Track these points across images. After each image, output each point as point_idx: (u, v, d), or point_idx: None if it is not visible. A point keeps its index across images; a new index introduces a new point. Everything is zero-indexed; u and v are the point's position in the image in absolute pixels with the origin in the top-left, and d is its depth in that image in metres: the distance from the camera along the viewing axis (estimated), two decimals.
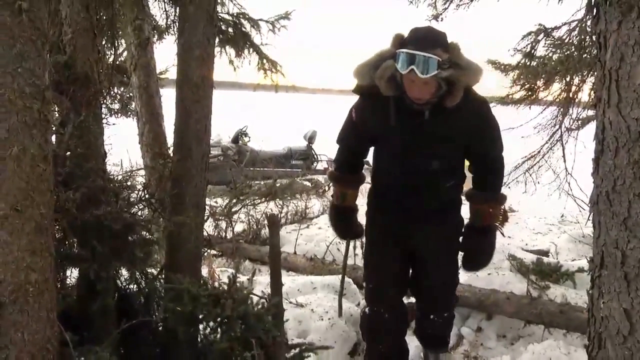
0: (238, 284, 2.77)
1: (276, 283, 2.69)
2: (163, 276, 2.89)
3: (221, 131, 13.15)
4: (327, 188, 12.12)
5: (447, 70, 2.77)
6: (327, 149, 15.34)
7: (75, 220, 2.32)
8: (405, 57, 2.75)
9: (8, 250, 2.00)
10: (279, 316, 2.62)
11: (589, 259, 1.80)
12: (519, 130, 7.14)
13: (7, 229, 1.98)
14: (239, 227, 7.26)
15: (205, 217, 3.31)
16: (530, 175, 7.61)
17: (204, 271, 4.80)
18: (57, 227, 2.36)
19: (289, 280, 4.80)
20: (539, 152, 7.41)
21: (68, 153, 2.47)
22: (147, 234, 2.67)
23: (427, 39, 2.79)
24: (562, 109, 6.91)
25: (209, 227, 6.62)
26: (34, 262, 2.03)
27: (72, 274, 2.79)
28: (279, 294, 2.66)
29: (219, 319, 2.76)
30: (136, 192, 2.72)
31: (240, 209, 7.02)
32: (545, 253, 6.79)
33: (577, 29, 5.74)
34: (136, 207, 2.66)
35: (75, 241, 2.47)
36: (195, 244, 2.85)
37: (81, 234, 2.40)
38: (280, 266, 2.74)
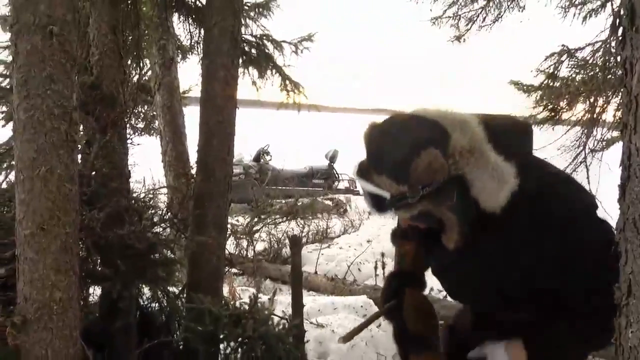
0: (259, 304, 2.78)
1: (297, 304, 2.69)
2: (185, 295, 2.90)
3: (243, 150, 13.22)
4: (347, 208, 12.13)
5: (411, 207, 1.65)
6: (349, 169, 15.36)
7: (99, 239, 2.34)
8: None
9: (34, 268, 2.03)
10: (300, 337, 2.63)
11: (615, 287, 1.77)
12: (542, 152, 7.10)
13: (33, 247, 2.02)
14: (260, 246, 7.27)
15: (227, 236, 3.33)
16: None
17: (225, 290, 4.82)
18: (82, 245, 2.38)
19: (309, 300, 4.79)
20: None
21: (93, 173, 2.50)
22: (169, 253, 2.69)
23: (374, 156, 1.71)
24: (585, 130, 6.85)
25: (230, 246, 6.64)
26: (59, 280, 2.06)
27: (95, 292, 2.82)
28: (300, 315, 2.66)
29: (239, 339, 2.76)
30: (159, 211, 2.74)
31: (262, 227, 7.05)
32: None
33: (602, 50, 5.71)
34: (159, 226, 2.68)
35: (99, 260, 2.49)
36: (217, 264, 2.86)
37: (105, 252, 2.43)
38: (302, 287, 2.75)
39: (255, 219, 7.04)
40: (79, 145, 2.40)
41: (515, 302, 1.85)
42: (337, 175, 15.20)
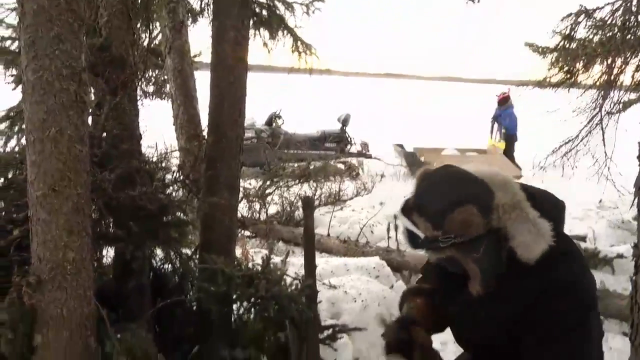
0: (272, 265, 2.79)
1: (310, 265, 2.70)
2: (197, 257, 2.91)
3: (255, 114, 13.19)
4: (360, 171, 12.11)
5: (440, 251, 1.89)
6: (361, 132, 15.31)
7: (110, 201, 2.35)
8: None
9: (47, 229, 2.05)
10: (313, 297, 2.63)
11: (633, 245, 1.75)
12: (557, 114, 7.01)
13: (45, 208, 2.03)
14: (272, 209, 7.29)
15: (239, 199, 3.33)
16: (568, 159, 7.48)
17: (238, 252, 4.84)
18: (94, 207, 2.39)
19: (322, 262, 4.81)
20: (577, 136, 7.27)
21: (104, 134, 2.50)
22: (181, 214, 2.70)
23: (418, 199, 1.92)
24: (602, 92, 6.75)
25: (242, 209, 6.66)
26: (72, 241, 2.07)
27: (109, 254, 2.84)
28: (313, 276, 2.67)
29: (252, 300, 2.79)
30: (171, 173, 2.74)
31: (274, 190, 7.06)
32: (583, 238, 6.70)
33: (622, 8, 5.59)
34: (171, 188, 2.69)
35: (111, 221, 2.50)
36: (229, 225, 2.87)
37: (117, 214, 2.44)
38: (314, 248, 2.75)
39: (268, 182, 7.04)
40: (90, 107, 2.39)
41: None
42: (349, 138, 15.14)
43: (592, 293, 1.96)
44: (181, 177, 2.72)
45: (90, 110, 2.46)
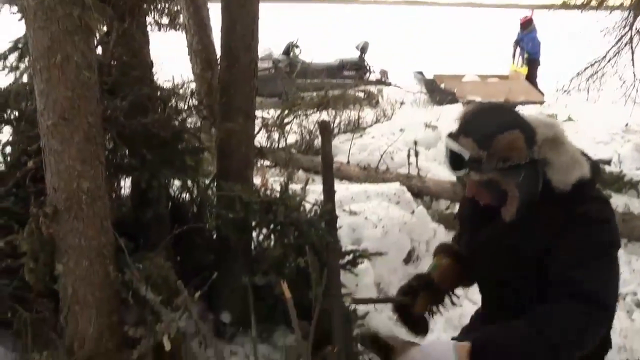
0: (290, 192, 2.76)
1: (329, 190, 2.64)
2: (215, 185, 2.89)
3: (272, 44, 12.99)
4: (380, 98, 11.97)
5: (483, 173, 1.97)
6: (380, 60, 15.05)
7: (123, 129, 2.31)
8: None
9: (59, 159, 2.02)
10: (332, 222, 2.59)
11: None
12: (582, 37, 6.80)
13: (57, 138, 2.00)
14: (291, 138, 7.24)
15: (258, 129, 3.28)
16: (594, 82, 7.29)
17: (257, 181, 4.83)
18: (107, 136, 2.36)
19: (342, 188, 4.78)
20: (604, 57, 7.05)
21: (113, 62, 2.44)
22: (196, 142, 2.66)
23: (466, 123, 2.04)
24: (633, 10, 6.49)
25: (261, 139, 6.63)
26: (85, 170, 2.05)
27: (127, 184, 2.82)
28: (332, 201, 2.62)
29: (271, 226, 2.77)
30: (184, 100, 2.69)
31: (293, 119, 6.99)
32: (607, 162, 6.59)
33: None
34: (184, 114, 2.63)
35: (126, 150, 2.47)
36: (246, 152, 2.82)
37: (130, 143, 2.40)
38: (332, 173, 2.69)
39: (286, 112, 6.97)
40: (97, 34, 2.32)
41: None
42: (368, 66, 14.91)
43: (618, 237, 2.07)
44: (194, 103, 2.66)
45: (98, 38, 2.39)
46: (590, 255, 1.94)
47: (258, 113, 6.31)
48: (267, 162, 6.74)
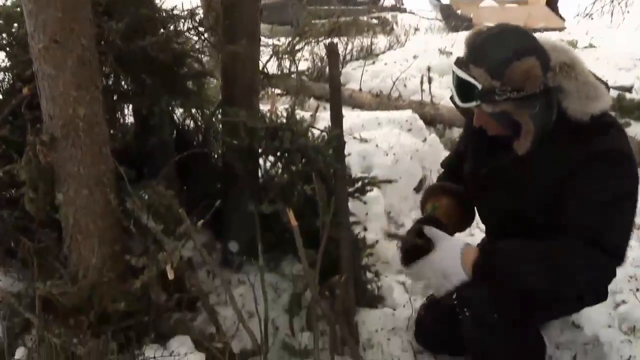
0: (298, 117, 2.66)
1: (336, 115, 2.55)
2: (220, 112, 2.80)
3: None
4: (394, 25, 11.68)
5: (496, 104, 1.83)
6: None
7: (120, 53, 2.21)
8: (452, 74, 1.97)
9: (53, 84, 1.95)
10: (340, 149, 2.51)
11: None
12: None
13: (49, 62, 1.91)
14: (303, 66, 7.08)
15: (269, 56, 3.18)
16: (619, 4, 7.00)
17: (266, 108, 4.73)
18: (105, 60, 2.26)
19: (353, 115, 4.67)
20: None
21: None
22: (199, 66, 2.56)
23: (476, 50, 1.87)
24: None
25: (272, 67, 6.48)
26: (81, 96, 1.97)
27: (130, 112, 2.75)
28: (340, 126, 2.53)
29: (278, 153, 2.70)
30: (184, 21, 2.56)
31: (304, 46, 6.81)
32: (628, 89, 6.37)
33: None
34: (185, 36, 2.52)
35: (125, 75, 2.38)
36: (251, 77, 2.71)
37: (129, 67, 2.31)
38: (340, 97, 2.59)
39: (297, 38, 6.79)
40: None
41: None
42: None
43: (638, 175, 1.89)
44: (195, 24, 2.54)
45: None
46: (611, 201, 1.82)
47: (269, 41, 6.16)
48: (277, 90, 6.61)
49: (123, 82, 2.45)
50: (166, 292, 2.41)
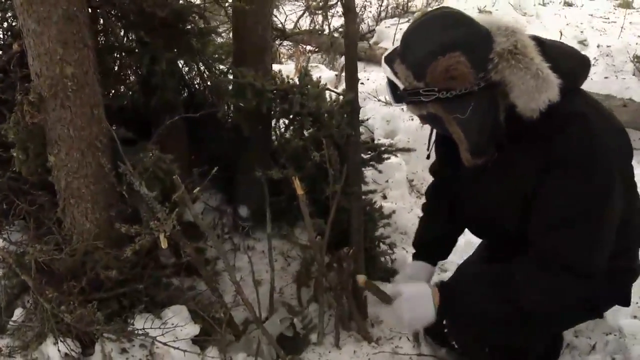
0: (309, 78, 2.50)
1: (351, 77, 2.38)
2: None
3: None
4: None
5: (422, 106, 1.63)
6: None
7: (114, 8, 2.08)
8: None
9: (39, 41, 1.84)
10: (354, 113, 2.35)
11: None
12: None
13: (32, 17, 1.80)
14: (336, 22, 6.84)
15: (301, 11, 3.00)
16: None
17: (291, 67, 4.56)
18: (98, 17, 2.13)
19: (379, 77, 4.47)
20: None
21: None
22: (203, 22, 2.40)
23: (402, 44, 1.67)
24: None
25: (305, 23, 6.28)
26: (68, 54, 1.86)
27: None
28: (355, 90, 2.36)
29: (290, 116, 2.55)
30: None
31: (337, 2, 6.57)
32: None
33: None
34: None
35: (120, 32, 2.25)
36: (262, 34, 2.54)
37: (124, 23, 2.18)
38: (356, 58, 2.40)
39: None
40: None
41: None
42: None
43: (614, 162, 1.60)
44: None
45: None
46: (575, 210, 1.59)
47: None
48: (309, 47, 6.43)
49: (124, 40, 2.31)
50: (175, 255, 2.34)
